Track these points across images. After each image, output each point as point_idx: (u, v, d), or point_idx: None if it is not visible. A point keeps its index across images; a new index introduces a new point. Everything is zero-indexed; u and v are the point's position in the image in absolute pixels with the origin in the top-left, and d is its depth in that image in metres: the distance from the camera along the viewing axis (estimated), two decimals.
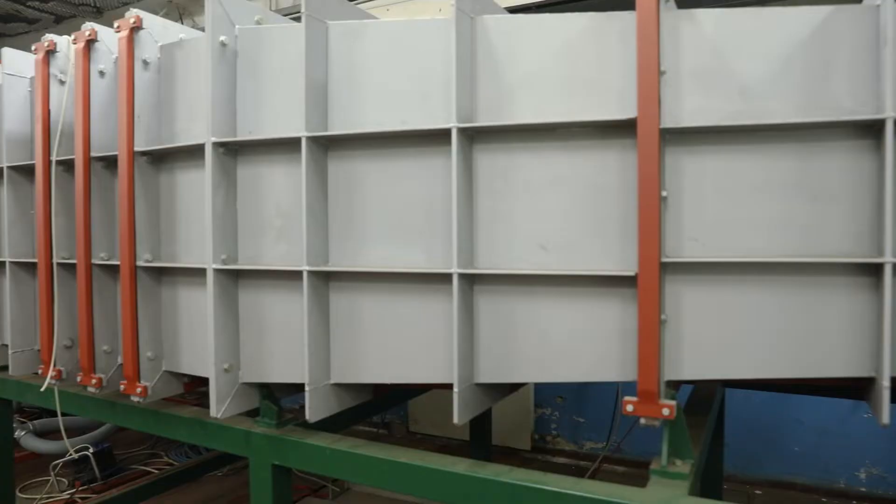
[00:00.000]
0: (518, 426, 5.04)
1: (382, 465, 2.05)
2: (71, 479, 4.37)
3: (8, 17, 7.11)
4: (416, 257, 2.03)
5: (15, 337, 2.88)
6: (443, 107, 1.97)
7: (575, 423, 5.00)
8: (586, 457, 4.88)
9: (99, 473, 4.35)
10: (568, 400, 5.03)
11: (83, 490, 4.24)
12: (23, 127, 2.90)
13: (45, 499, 4.11)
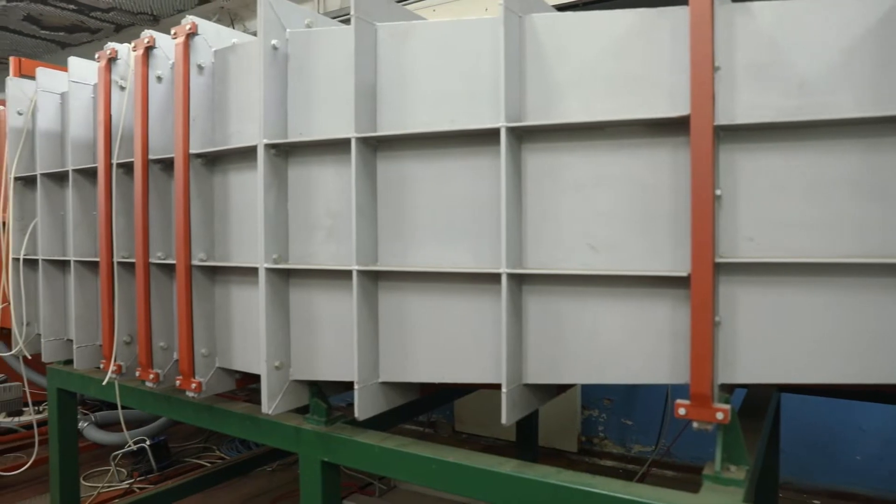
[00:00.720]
0: (565, 428, 5.00)
1: (430, 463, 2.06)
2: (129, 470, 4.53)
3: (73, 28, 7.42)
4: (464, 257, 2.04)
5: (79, 332, 3.00)
6: (491, 106, 1.97)
7: (623, 426, 4.93)
8: (634, 460, 4.80)
9: (155, 465, 4.50)
10: (616, 402, 4.95)
11: (141, 480, 4.39)
12: (86, 132, 3.02)
13: (105, 488, 4.27)
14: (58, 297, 3.24)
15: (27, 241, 3.31)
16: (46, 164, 3.20)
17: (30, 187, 3.35)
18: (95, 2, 6.62)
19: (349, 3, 2.08)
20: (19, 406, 4.53)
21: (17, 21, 7.21)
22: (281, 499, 4.26)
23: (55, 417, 3.37)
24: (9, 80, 3.38)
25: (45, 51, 8.23)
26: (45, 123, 3.21)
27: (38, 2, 6.62)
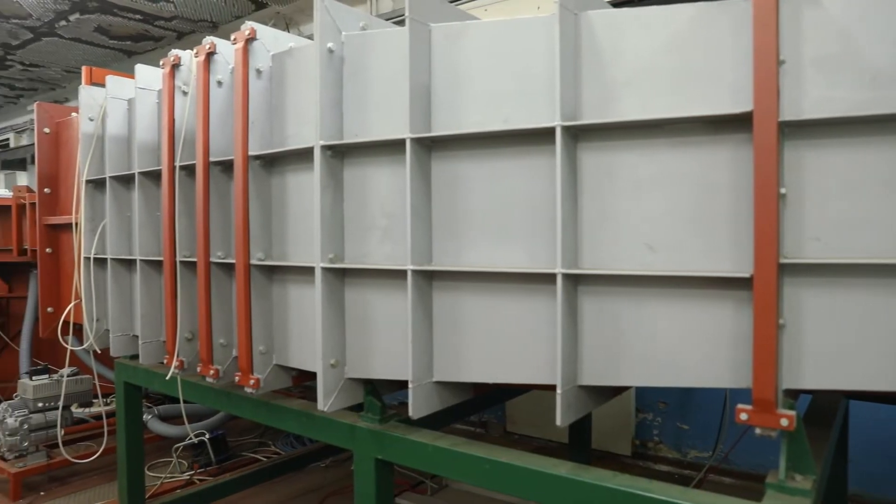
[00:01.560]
0: (618, 430, 4.91)
1: (483, 463, 2.05)
2: (190, 462, 4.68)
3: (138, 37, 7.73)
4: (518, 257, 2.03)
5: (144, 329, 3.11)
6: (546, 105, 1.95)
7: (678, 430, 4.81)
8: (690, 465, 4.68)
9: (214, 458, 4.64)
10: (671, 405, 4.84)
11: (201, 472, 4.53)
12: (151, 135, 3.14)
13: (168, 478, 4.42)
14: (125, 295, 3.37)
15: (97, 240, 3.46)
16: (115, 167, 3.33)
17: (100, 189, 3.49)
18: (159, 11, 6.87)
19: (401, 5, 2.11)
20: (89, 398, 4.73)
21: (89, 32, 7.55)
22: (333, 495, 4.33)
23: (122, 410, 3.51)
24: (81, 89, 3.54)
25: (113, 59, 8.59)
26: (114, 128, 3.35)
27: (108, 13, 6.92)
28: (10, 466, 4.30)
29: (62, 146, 4.35)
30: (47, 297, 4.40)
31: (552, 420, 1.94)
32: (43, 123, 4.36)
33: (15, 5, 6.76)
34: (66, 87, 10.29)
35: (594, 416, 4.39)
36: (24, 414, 4.33)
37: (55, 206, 4.36)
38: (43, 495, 4.31)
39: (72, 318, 3.85)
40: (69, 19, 7.15)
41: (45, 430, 4.41)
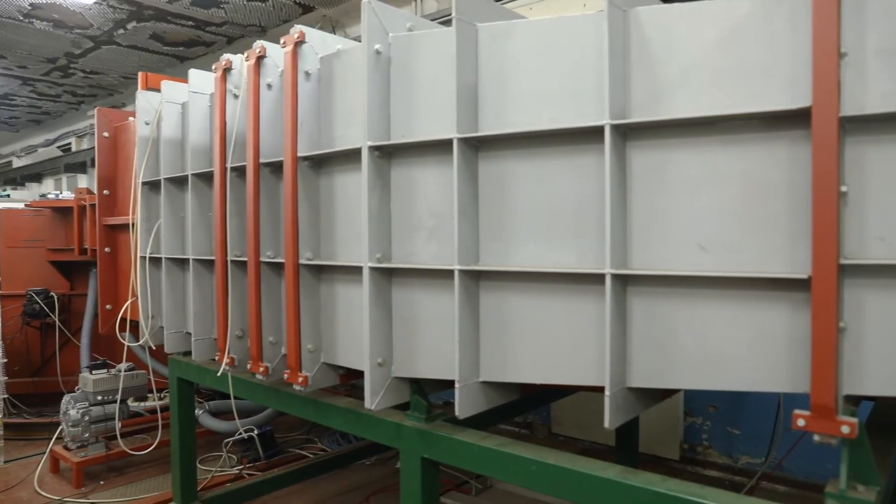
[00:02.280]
0: (666, 434, 4.81)
1: (530, 464, 2.04)
2: (239, 456, 4.79)
3: (190, 43, 7.95)
4: (566, 257, 2.01)
5: (196, 326, 3.20)
6: (594, 104, 1.93)
7: (729, 435, 4.68)
8: (741, 472, 4.55)
9: (262, 453, 4.73)
10: (721, 409, 4.72)
11: (249, 467, 4.63)
12: (204, 138, 3.22)
13: (218, 472, 4.54)
14: (178, 293, 3.47)
15: (152, 240, 3.58)
16: (169, 169, 3.43)
17: (155, 191, 3.61)
18: (210, 17, 7.05)
19: (446, 6, 2.12)
20: (144, 392, 4.89)
21: (145, 39, 7.81)
22: (378, 493, 4.36)
23: (175, 404, 3.62)
24: (138, 94, 3.66)
25: (167, 65, 8.86)
26: (168, 131, 3.45)
27: (162, 20, 7.14)
28: (72, 456, 4.48)
29: (120, 149, 4.51)
30: (106, 295, 4.57)
31: (598, 422, 1.92)
32: (102, 128, 4.53)
33: (78, 16, 7.04)
34: (123, 93, 10.66)
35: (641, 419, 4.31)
36: (86, 406, 4.51)
37: (113, 208, 4.52)
38: (102, 484, 4.48)
39: (129, 315, 3.98)
40: (126, 27, 7.40)
41: (104, 423, 4.58)
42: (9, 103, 11.74)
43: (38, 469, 4.68)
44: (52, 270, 6.00)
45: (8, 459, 4.93)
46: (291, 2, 6.60)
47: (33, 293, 5.77)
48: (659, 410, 4.65)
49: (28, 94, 11.00)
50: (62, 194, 6.43)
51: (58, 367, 5.97)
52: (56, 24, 7.33)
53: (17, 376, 5.66)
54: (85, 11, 6.91)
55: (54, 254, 5.92)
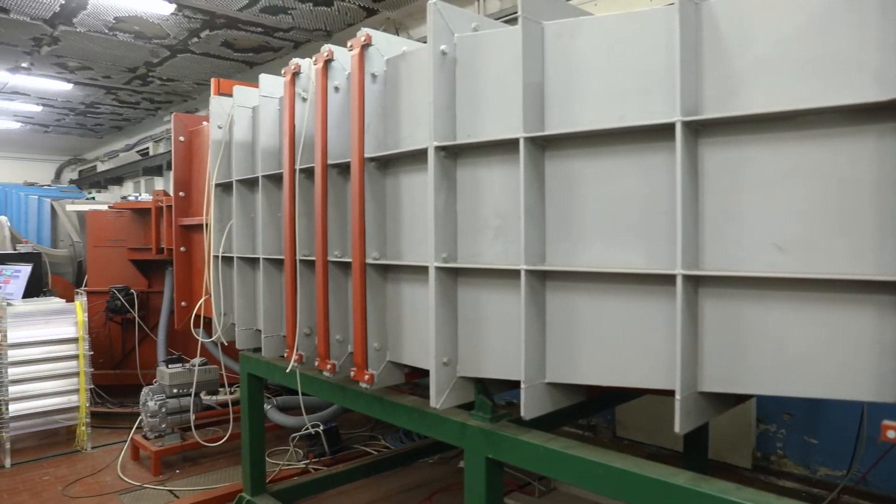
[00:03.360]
0: (737, 441, 4.64)
1: (597, 468, 2.01)
2: (305, 451, 4.91)
3: (259, 49, 8.21)
4: (635, 257, 1.97)
5: (266, 324, 3.30)
6: (664, 100, 1.89)
7: (805, 445, 4.48)
8: (819, 484, 4.34)
9: (328, 449, 4.83)
10: (797, 417, 4.51)
11: (315, 462, 4.74)
12: (273, 141, 3.32)
13: (286, 465, 4.66)
14: (249, 291, 3.58)
15: (225, 240, 3.71)
16: (240, 171, 3.55)
17: (227, 192, 3.74)
18: (278, 23, 7.26)
19: (509, 5, 2.11)
20: (216, 386, 5.08)
21: (217, 47, 8.12)
22: (440, 491, 4.38)
23: (246, 399, 3.73)
24: (212, 99, 3.80)
25: (237, 71, 9.18)
26: (240, 135, 3.57)
27: (233, 28, 7.41)
28: (151, 445, 4.70)
29: (194, 153, 4.70)
30: (181, 293, 4.77)
31: (665, 426, 1.87)
32: (178, 132, 4.74)
33: (156, 27, 7.39)
34: (196, 99, 11.11)
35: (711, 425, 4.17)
36: (163, 398, 4.72)
37: (188, 209, 4.72)
38: (178, 473, 4.68)
39: (202, 312, 4.14)
40: (200, 36, 7.71)
41: (179, 414, 4.78)
42: (94, 111, 12.43)
43: (121, 456, 4.93)
44: (133, 269, 6.31)
45: (94, 445, 5.22)
46: (356, 5, 6.72)
47: (115, 290, 6.08)
48: (730, 416, 4.49)
49: (111, 102, 11.63)
50: (141, 196, 6.75)
51: (137, 361, 6.27)
52: (137, 35, 7.72)
53: (101, 368, 5.98)
54: (163, 22, 7.24)
55: (134, 253, 6.21)
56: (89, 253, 6.44)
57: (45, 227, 8.06)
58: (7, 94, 11.09)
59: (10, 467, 4.80)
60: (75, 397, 5.07)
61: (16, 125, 13.90)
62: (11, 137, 15.28)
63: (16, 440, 4.98)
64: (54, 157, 17.58)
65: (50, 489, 4.42)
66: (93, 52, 8.48)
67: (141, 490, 4.38)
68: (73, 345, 5.08)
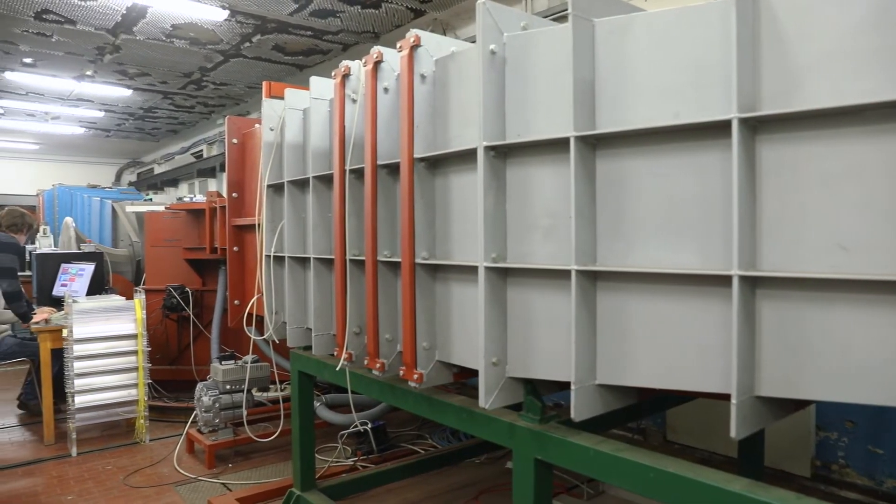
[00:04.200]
0: (795, 449, 4.49)
1: (648, 472, 1.97)
2: (353, 449, 4.97)
3: (308, 52, 8.36)
4: (689, 258, 1.92)
5: (317, 322, 3.35)
6: (720, 97, 1.84)
7: (870, 455, 4.30)
8: (886, 496, 4.16)
9: (375, 447, 4.88)
10: (860, 425, 4.34)
11: (363, 459, 4.79)
12: (323, 142, 3.37)
13: (334, 462, 4.73)
14: (300, 290, 3.65)
15: (276, 240, 3.79)
16: (292, 172, 3.62)
17: (279, 193, 3.81)
18: (327, 26, 7.38)
19: (556, 3, 2.09)
20: (267, 383, 5.20)
21: (268, 51, 8.31)
22: (487, 491, 4.37)
23: (296, 396, 3.80)
24: (264, 102, 3.89)
25: (287, 74, 9.37)
26: (291, 136, 3.64)
27: (284, 32, 7.56)
28: (205, 439, 4.85)
29: (247, 154, 4.81)
30: (234, 291, 4.89)
31: (718, 430, 1.83)
32: (232, 135, 4.86)
33: (210, 32, 7.60)
34: (248, 102, 11.38)
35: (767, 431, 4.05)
36: (216, 394, 4.85)
37: (241, 209, 4.84)
38: (231, 467, 4.80)
39: (254, 310, 4.24)
40: (252, 40, 7.90)
41: (232, 410, 4.91)
42: (152, 116, 12.88)
43: (177, 449, 5.10)
44: (187, 268, 6.50)
45: (152, 438, 5.41)
46: (403, 7, 6.77)
47: (171, 288, 6.28)
48: (787, 423, 4.35)
49: (167, 107, 12.02)
50: (195, 197, 6.95)
51: (192, 357, 6.46)
52: (192, 41, 7.95)
53: (158, 364, 6.19)
54: (216, 28, 7.44)
55: (189, 252, 6.40)
56: (147, 252, 6.67)
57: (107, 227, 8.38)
58: (73, 101, 11.59)
59: (76, 456, 5.02)
60: (135, 391, 5.26)
61: (80, 130, 14.52)
62: (76, 142, 15.97)
63: (81, 431, 5.20)
64: (115, 161, 18.29)
65: (112, 478, 4.60)
66: (151, 59, 8.79)
67: (196, 482, 4.51)
68: (132, 341, 5.27)
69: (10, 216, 5.72)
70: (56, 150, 16.85)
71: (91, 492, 4.36)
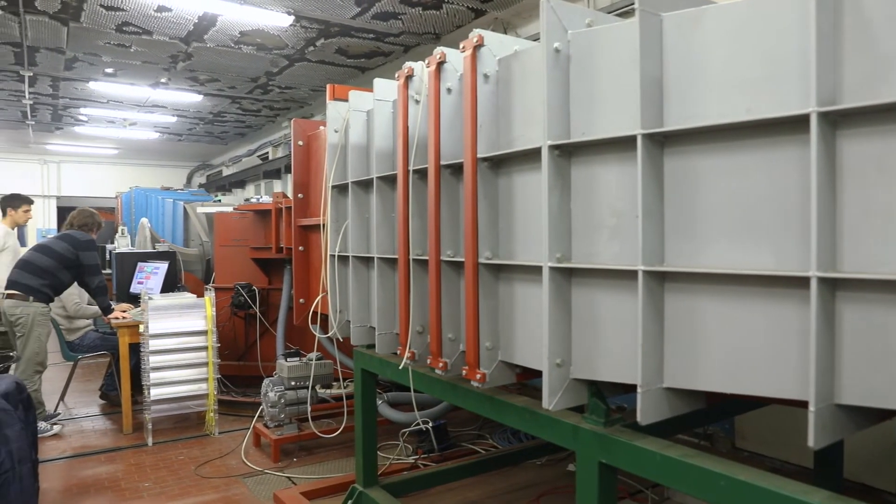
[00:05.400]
0: (878, 461, 4.25)
1: (719, 479, 1.91)
2: (414, 447, 5.01)
3: (370, 54, 8.49)
4: (764, 258, 1.85)
5: (380, 321, 3.40)
6: (797, 90, 1.76)
7: None
8: None
9: (436, 445, 4.91)
10: None
11: (424, 458, 4.83)
12: (387, 143, 3.41)
13: (395, 460, 4.79)
14: (364, 289, 3.71)
15: (340, 240, 3.86)
16: (356, 172, 3.68)
17: (343, 194, 3.89)
18: (389, 28, 7.47)
19: None
20: (330, 380, 5.30)
21: (331, 54, 8.48)
22: (548, 493, 4.33)
23: (359, 394, 3.86)
24: (329, 104, 3.97)
25: (350, 76, 9.54)
26: (355, 138, 3.70)
27: (346, 35, 7.70)
28: (271, 433, 4.99)
29: (312, 156, 4.93)
30: (299, 290, 5.02)
31: (792, 438, 1.76)
32: (298, 137, 4.98)
33: (276, 38, 7.82)
34: (311, 104, 11.65)
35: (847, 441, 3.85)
36: (282, 390, 4.99)
37: (306, 210, 4.95)
38: (295, 461, 4.92)
39: (319, 309, 4.33)
40: (316, 44, 8.08)
41: (296, 406, 5.03)
42: (221, 120, 13.36)
43: (244, 442, 5.27)
44: (254, 267, 6.70)
45: (221, 431, 5.61)
46: (464, 7, 6.78)
47: (239, 287, 6.49)
48: (871, 433, 4.13)
49: (235, 111, 12.44)
50: (262, 198, 7.15)
51: (258, 354, 6.66)
52: (259, 47, 8.20)
53: (226, 359, 6.40)
54: (282, 33, 7.65)
55: (255, 252, 6.59)
56: (216, 252, 6.92)
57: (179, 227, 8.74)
58: (148, 108, 12.15)
59: (151, 446, 5.25)
60: (205, 385, 5.46)
61: (155, 135, 15.21)
62: (151, 146, 16.74)
63: (156, 422, 5.44)
64: (186, 164, 19.07)
65: (185, 468, 4.79)
66: (220, 65, 9.11)
67: (262, 475, 4.65)
68: (202, 337, 5.47)
69: (82, 216, 6.02)
70: (133, 155, 17.70)
71: (166, 480, 4.56)
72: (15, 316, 5.39)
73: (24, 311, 5.39)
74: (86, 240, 5.75)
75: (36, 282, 5.45)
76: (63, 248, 5.60)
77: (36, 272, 5.48)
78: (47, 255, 5.56)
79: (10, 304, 5.42)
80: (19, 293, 5.41)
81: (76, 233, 5.80)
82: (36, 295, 5.44)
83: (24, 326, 5.38)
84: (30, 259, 5.54)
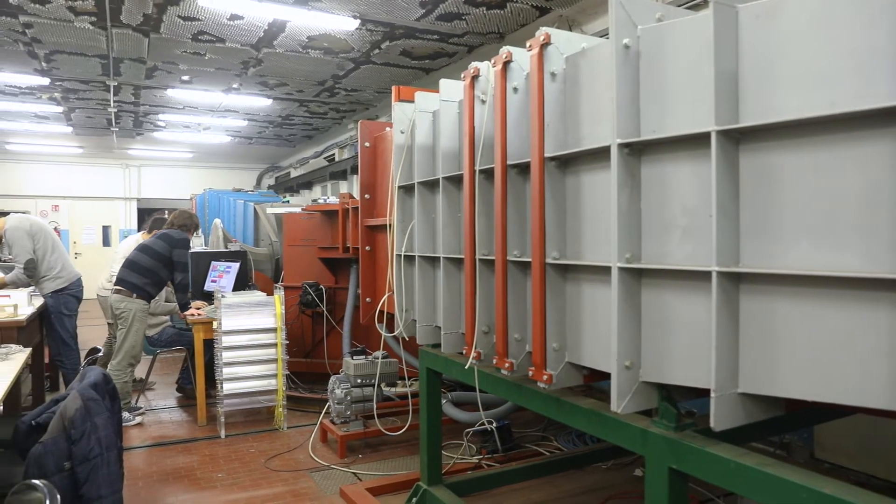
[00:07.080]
0: None
1: (800, 491, 1.83)
2: (478, 447, 5.02)
3: (434, 55, 8.55)
4: (849, 259, 1.76)
5: (446, 321, 3.41)
6: (885, 82, 1.67)
7: None
8: None
9: (500, 446, 4.90)
10: None
11: (487, 458, 4.82)
12: (453, 143, 3.43)
13: (459, 459, 4.80)
14: (429, 289, 3.73)
15: (406, 240, 3.90)
16: (422, 173, 3.71)
17: (409, 194, 3.93)
18: (453, 29, 7.50)
19: None
20: (395, 379, 5.37)
21: (396, 56, 8.59)
22: (614, 497, 4.25)
23: (425, 392, 3.89)
24: (394, 105, 4.02)
25: (414, 78, 9.63)
26: (421, 139, 3.74)
27: (411, 37, 7.78)
28: (337, 429, 5.10)
29: (378, 157, 5.00)
30: (366, 289, 5.10)
31: (879, 451, 1.66)
32: (364, 138, 5.07)
33: (342, 42, 7.98)
34: (377, 106, 11.82)
35: None
36: (348, 387, 5.09)
37: (373, 210, 5.03)
38: (361, 457, 5.01)
39: (385, 308, 4.39)
40: (381, 47, 8.20)
41: (362, 403, 5.11)
42: (289, 123, 13.74)
43: (312, 437, 5.41)
44: (321, 266, 6.85)
45: (289, 426, 5.77)
46: (528, 5, 6.74)
47: (307, 285, 6.65)
48: None
49: (303, 114, 12.76)
50: (328, 199, 7.31)
51: (325, 351, 6.81)
52: (326, 51, 8.39)
53: (294, 356, 6.58)
54: (348, 37, 7.80)
55: (323, 251, 6.74)
56: (285, 251, 7.11)
57: (249, 228, 9.04)
58: (221, 112, 12.62)
59: (224, 438, 5.46)
60: (274, 381, 5.63)
61: (227, 139, 15.78)
62: (223, 150, 17.38)
63: (228, 415, 5.66)
64: (256, 166, 19.70)
65: (255, 460, 4.96)
66: (289, 70, 9.37)
67: (329, 470, 4.76)
68: (272, 334, 5.64)
69: (181, 217, 6.44)
70: (206, 158, 18.43)
71: (237, 471, 4.73)
72: (119, 310, 5.86)
73: (128, 307, 5.84)
74: (181, 238, 6.13)
75: (140, 280, 5.91)
76: (161, 246, 6.04)
77: (140, 271, 5.94)
78: (148, 254, 6.01)
79: (116, 299, 5.91)
80: (125, 290, 5.86)
81: (174, 231, 6.22)
82: (139, 293, 5.91)
83: (126, 321, 5.82)
84: (135, 259, 6.01)
